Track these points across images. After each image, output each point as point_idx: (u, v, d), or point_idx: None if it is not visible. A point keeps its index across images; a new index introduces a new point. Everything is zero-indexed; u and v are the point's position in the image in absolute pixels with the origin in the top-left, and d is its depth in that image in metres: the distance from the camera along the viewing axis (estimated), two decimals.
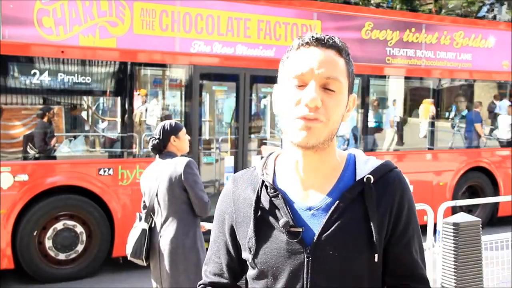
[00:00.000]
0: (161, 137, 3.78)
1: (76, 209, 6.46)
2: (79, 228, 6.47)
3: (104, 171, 6.56)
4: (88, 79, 6.58)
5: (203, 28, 7.09)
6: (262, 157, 1.54)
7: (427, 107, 9.47)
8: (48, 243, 6.33)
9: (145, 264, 3.80)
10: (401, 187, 1.39)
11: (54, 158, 6.53)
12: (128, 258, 3.82)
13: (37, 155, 6.39)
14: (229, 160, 7.45)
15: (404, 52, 8.67)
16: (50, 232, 6.32)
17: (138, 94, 7.24)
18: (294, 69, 1.32)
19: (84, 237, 6.52)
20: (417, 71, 9.01)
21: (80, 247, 6.50)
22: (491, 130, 10.18)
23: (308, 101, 1.28)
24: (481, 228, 4.51)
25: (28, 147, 6.34)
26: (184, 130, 3.87)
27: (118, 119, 6.92)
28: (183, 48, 7.02)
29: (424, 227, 5.17)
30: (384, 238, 1.37)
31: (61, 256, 6.40)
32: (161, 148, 3.80)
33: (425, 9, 12.75)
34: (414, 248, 1.40)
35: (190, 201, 3.66)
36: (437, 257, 4.94)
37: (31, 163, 6.29)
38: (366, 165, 1.41)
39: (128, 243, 3.78)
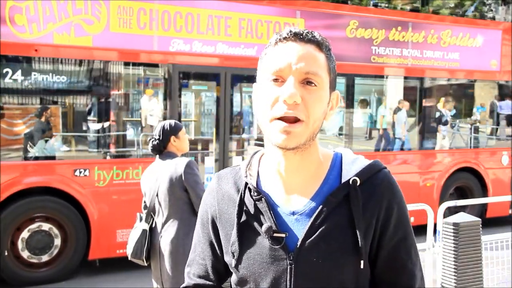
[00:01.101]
0: (161, 138, 3.76)
1: (51, 211, 6.33)
2: (49, 227, 6.32)
3: (80, 172, 6.43)
4: (63, 78, 6.46)
5: (183, 26, 6.96)
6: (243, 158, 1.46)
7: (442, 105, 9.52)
8: (22, 247, 6.20)
9: (145, 265, 3.79)
10: (389, 188, 1.31)
11: (30, 159, 6.40)
12: (129, 259, 3.80)
13: (11, 156, 6.26)
14: (210, 161, 7.33)
15: (390, 51, 8.55)
16: (22, 236, 6.20)
17: (119, 93, 7.10)
18: (272, 65, 1.26)
19: (59, 240, 6.39)
20: (403, 70, 8.89)
21: (55, 250, 6.37)
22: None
23: (287, 97, 1.22)
24: (481, 228, 4.48)
25: (28, 146, 6.24)
26: (184, 130, 3.86)
27: (95, 119, 6.80)
28: (161, 46, 6.90)
29: (424, 227, 5.27)
30: (372, 243, 1.30)
31: (34, 259, 6.28)
32: (161, 149, 3.79)
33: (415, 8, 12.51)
34: (405, 252, 1.32)
35: (191, 202, 3.64)
36: (437, 257, 4.89)
37: (4, 164, 6.16)
38: (352, 166, 1.33)
39: (128, 244, 3.78)
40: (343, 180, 1.31)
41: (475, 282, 4.41)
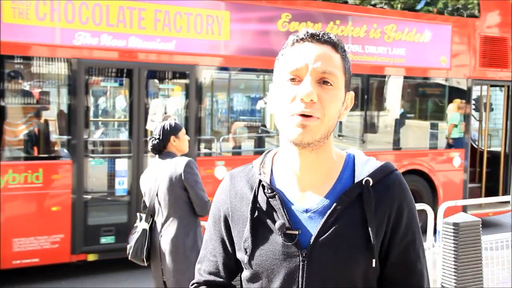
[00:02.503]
0: (161, 137, 3.82)
1: None
2: None
3: None
4: None
5: (89, 18, 6.43)
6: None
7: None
8: None
9: (145, 264, 3.82)
10: (401, 190, 1.36)
11: None
12: (129, 258, 3.82)
13: None
14: (122, 164, 6.77)
15: None
16: None
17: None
18: (290, 65, 1.31)
19: None
20: None
21: None
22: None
23: (304, 96, 1.26)
24: (481, 228, 4.50)
25: None
26: (183, 130, 3.91)
27: None
28: (64, 40, 6.37)
29: (424, 227, 5.17)
30: (383, 242, 1.33)
31: None
32: (161, 148, 3.85)
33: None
34: (415, 253, 1.36)
35: (190, 201, 3.70)
36: (437, 257, 4.96)
37: None
38: (365, 167, 1.38)
39: (128, 244, 3.80)
40: (356, 180, 1.35)
41: (475, 282, 4.44)
